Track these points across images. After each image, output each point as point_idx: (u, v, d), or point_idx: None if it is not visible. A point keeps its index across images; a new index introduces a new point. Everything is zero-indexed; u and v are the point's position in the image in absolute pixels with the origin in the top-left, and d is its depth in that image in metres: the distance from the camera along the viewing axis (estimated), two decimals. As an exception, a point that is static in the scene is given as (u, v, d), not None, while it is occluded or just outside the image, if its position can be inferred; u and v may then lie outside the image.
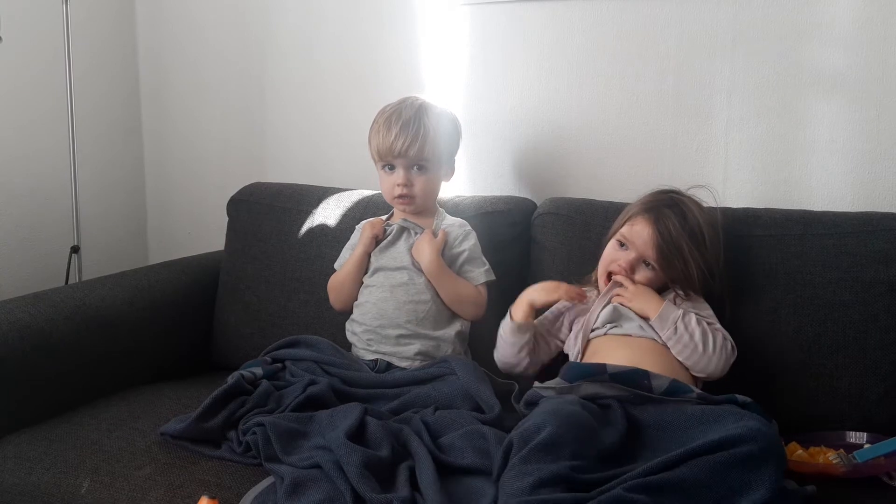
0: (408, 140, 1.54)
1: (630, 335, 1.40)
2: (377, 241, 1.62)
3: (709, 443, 1.06)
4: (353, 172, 1.91)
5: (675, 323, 1.36)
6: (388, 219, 1.66)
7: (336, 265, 1.67)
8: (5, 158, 1.91)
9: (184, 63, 2.18)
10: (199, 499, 0.83)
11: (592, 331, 1.45)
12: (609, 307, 1.44)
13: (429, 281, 1.57)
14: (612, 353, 1.37)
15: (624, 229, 1.46)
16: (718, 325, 1.40)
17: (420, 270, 1.57)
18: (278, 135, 2.10)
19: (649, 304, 1.40)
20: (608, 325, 1.43)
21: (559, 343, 1.51)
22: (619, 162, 1.76)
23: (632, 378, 1.28)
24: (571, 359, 1.47)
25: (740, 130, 1.68)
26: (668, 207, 1.44)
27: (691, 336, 1.36)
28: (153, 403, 1.48)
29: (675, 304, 1.42)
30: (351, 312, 1.63)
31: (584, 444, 1.13)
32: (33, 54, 1.94)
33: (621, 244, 1.46)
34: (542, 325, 1.51)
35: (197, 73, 2.16)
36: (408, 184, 1.57)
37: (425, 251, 1.56)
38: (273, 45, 2.07)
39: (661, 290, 1.46)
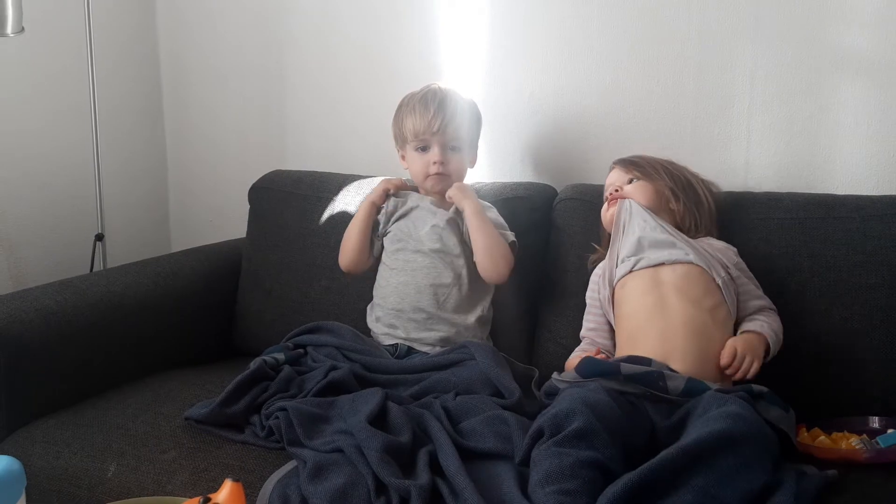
0: (446, 118, 1.56)
1: (662, 264, 1.38)
2: (387, 196, 1.63)
3: (689, 443, 1.04)
4: (372, 159, 1.91)
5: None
6: (411, 188, 1.66)
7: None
8: (31, 149, 1.93)
9: (203, 55, 2.19)
10: (223, 482, 0.84)
11: (617, 267, 1.43)
12: (632, 240, 1.42)
13: (450, 265, 1.56)
14: (643, 316, 1.35)
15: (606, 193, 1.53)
16: (771, 305, 1.40)
17: (440, 250, 1.57)
18: (297, 123, 2.10)
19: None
20: (632, 259, 1.41)
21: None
22: (641, 147, 1.73)
23: (646, 380, 1.25)
24: (602, 305, 1.46)
25: (763, 114, 1.66)
26: None
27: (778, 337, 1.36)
28: (177, 389, 1.49)
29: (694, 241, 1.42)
30: (358, 274, 1.64)
31: (615, 436, 1.11)
32: (57, 47, 1.96)
33: (609, 199, 1.52)
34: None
35: (216, 63, 2.17)
36: (444, 162, 1.58)
37: (469, 194, 1.56)
38: (291, 35, 2.07)
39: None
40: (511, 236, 1.58)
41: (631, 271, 1.41)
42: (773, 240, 1.47)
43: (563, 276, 1.61)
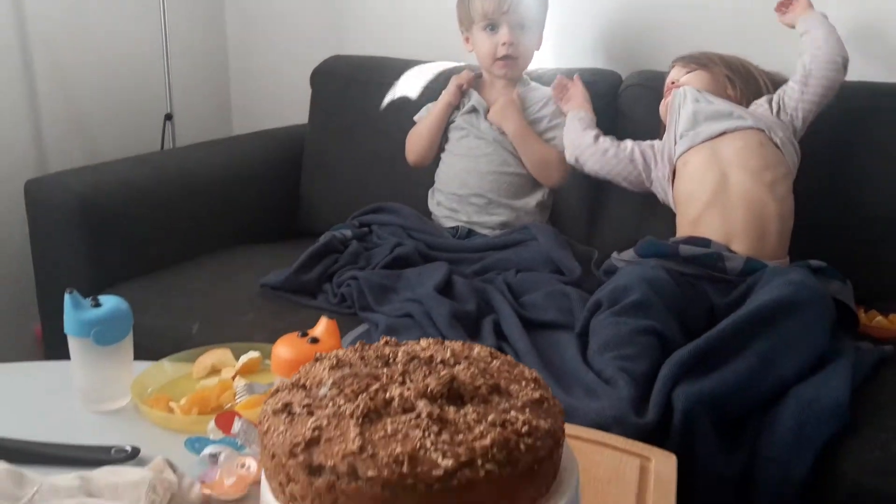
0: None
1: (724, 133, 1.38)
2: (462, 93, 1.63)
3: (753, 309, 1.07)
4: (433, 44, 1.90)
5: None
6: (476, 77, 1.66)
7: (416, 118, 1.69)
8: (102, 34, 1.95)
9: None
10: (317, 321, 0.90)
11: (676, 144, 1.43)
12: (687, 114, 1.42)
13: (511, 152, 1.59)
14: (704, 198, 1.34)
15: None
16: None
17: (502, 140, 1.59)
18: (357, 6, 2.09)
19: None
20: (690, 134, 1.41)
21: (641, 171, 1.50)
22: (710, 33, 1.70)
23: (705, 260, 1.27)
24: (660, 183, 1.47)
25: (836, 7, 1.61)
26: None
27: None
28: (250, 260, 1.57)
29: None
30: (424, 168, 1.67)
31: (672, 310, 1.14)
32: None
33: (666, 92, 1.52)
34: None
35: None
36: (514, 42, 1.56)
37: (508, 115, 1.57)
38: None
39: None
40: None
41: (691, 147, 1.40)
42: (839, 128, 1.45)
43: (624, 162, 1.61)
